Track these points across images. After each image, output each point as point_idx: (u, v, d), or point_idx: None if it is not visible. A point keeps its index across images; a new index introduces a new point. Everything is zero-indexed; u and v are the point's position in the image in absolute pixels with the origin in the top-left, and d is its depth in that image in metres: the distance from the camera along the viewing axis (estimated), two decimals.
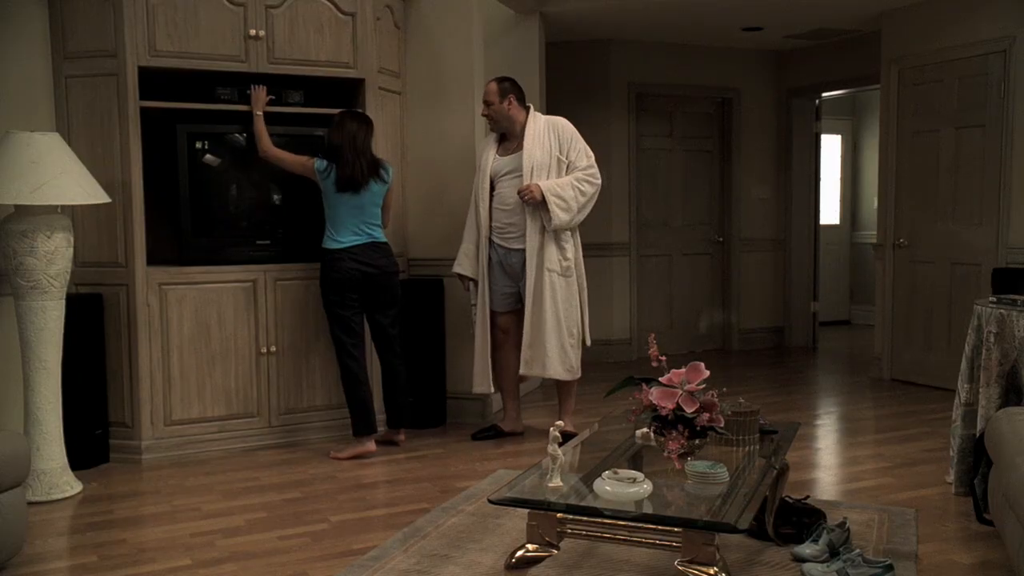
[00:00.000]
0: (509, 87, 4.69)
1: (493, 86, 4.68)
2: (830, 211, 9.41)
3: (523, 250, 4.65)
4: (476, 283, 4.80)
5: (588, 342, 4.80)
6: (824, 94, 7.77)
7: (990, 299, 3.83)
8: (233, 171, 4.74)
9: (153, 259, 4.46)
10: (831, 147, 9.35)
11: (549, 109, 6.56)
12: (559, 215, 4.54)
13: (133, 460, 4.41)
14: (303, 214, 4.84)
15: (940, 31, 5.86)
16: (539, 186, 4.51)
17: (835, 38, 7.16)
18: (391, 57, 5.04)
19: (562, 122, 4.72)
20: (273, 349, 4.66)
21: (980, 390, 3.62)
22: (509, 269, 4.71)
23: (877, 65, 6.41)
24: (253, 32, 4.49)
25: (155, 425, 4.43)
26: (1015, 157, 5.40)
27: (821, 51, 7.42)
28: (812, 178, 7.95)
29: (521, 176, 4.60)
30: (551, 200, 4.52)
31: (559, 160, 4.63)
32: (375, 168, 4.47)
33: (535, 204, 4.55)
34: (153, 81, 4.44)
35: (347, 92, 4.87)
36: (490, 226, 4.72)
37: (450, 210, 5.17)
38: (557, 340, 4.62)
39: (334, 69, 4.72)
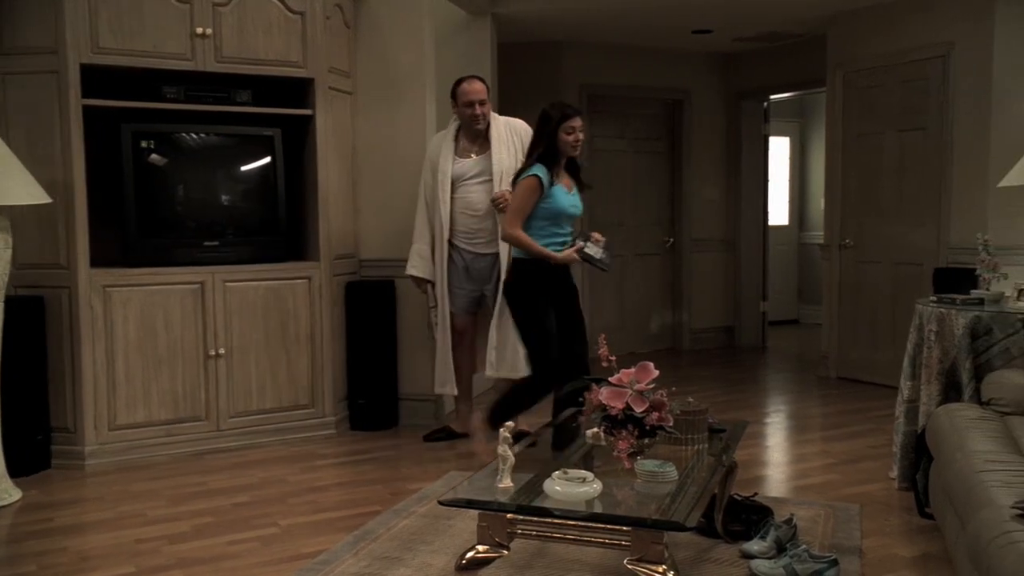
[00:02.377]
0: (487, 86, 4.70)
1: (483, 85, 4.65)
2: (779, 212, 9.55)
3: (493, 255, 4.63)
4: (432, 284, 4.76)
5: None
6: (772, 96, 7.89)
7: (931, 298, 3.92)
8: (180, 171, 4.66)
9: (97, 261, 4.37)
10: (779, 149, 9.49)
11: (501, 111, 6.53)
12: None
13: (76, 466, 4.31)
14: (253, 215, 4.79)
15: (883, 36, 5.98)
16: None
17: (783, 42, 7.27)
18: (341, 57, 5.00)
19: (522, 125, 4.70)
20: (222, 351, 4.59)
21: (921, 387, 3.70)
22: (476, 273, 4.68)
23: (823, 69, 6.52)
24: (200, 30, 4.42)
25: (99, 430, 4.34)
26: (955, 160, 5.53)
27: (769, 54, 7.53)
28: (761, 179, 8.06)
29: (490, 180, 4.58)
30: None
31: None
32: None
33: (500, 209, 4.55)
34: (97, 79, 4.35)
35: (297, 92, 4.82)
36: (452, 229, 4.66)
37: (402, 211, 5.13)
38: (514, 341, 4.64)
39: (283, 68, 4.67)
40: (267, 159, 4.76)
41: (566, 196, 4.02)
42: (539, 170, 3.93)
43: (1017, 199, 4.79)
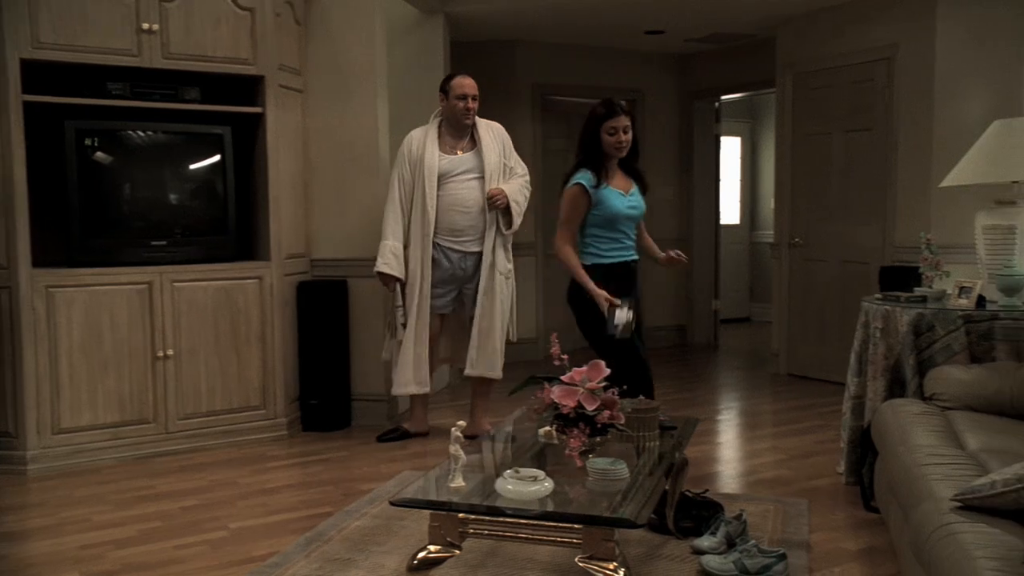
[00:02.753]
0: None
1: (474, 82, 4.61)
2: (730, 211, 9.67)
3: (478, 253, 4.60)
4: (402, 283, 4.61)
5: (514, 338, 4.92)
6: (724, 97, 7.98)
7: (876, 296, 3.99)
8: (127, 169, 4.57)
9: (40, 261, 4.26)
10: (731, 149, 9.61)
11: None
12: (516, 220, 4.63)
13: (18, 471, 4.20)
14: (202, 214, 4.71)
15: (831, 38, 6.08)
16: (505, 191, 4.54)
17: (733, 43, 7.36)
18: (292, 54, 4.95)
19: (499, 126, 4.71)
20: (170, 353, 4.51)
21: (868, 383, 3.77)
22: (460, 272, 4.62)
23: (773, 70, 6.61)
24: (146, 26, 4.34)
25: (42, 434, 4.24)
26: (899, 160, 5.65)
27: (720, 55, 7.61)
28: (713, 179, 8.15)
29: (479, 178, 4.55)
30: (512, 205, 4.58)
31: (504, 165, 4.64)
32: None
33: (501, 209, 4.55)
34: (39, 75, 4.24)
35: (247, 89, 4.76)
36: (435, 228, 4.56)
37: (354, 210, 5.11)
38: (500, 340, 4.71)
39: (232, 66, 4.60)
40: (216, 157, 4.69)
41: (620, 199, 3.75)
42: (582, 177, 3.71)
43: (958, 199, 4.90)
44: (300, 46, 5.05)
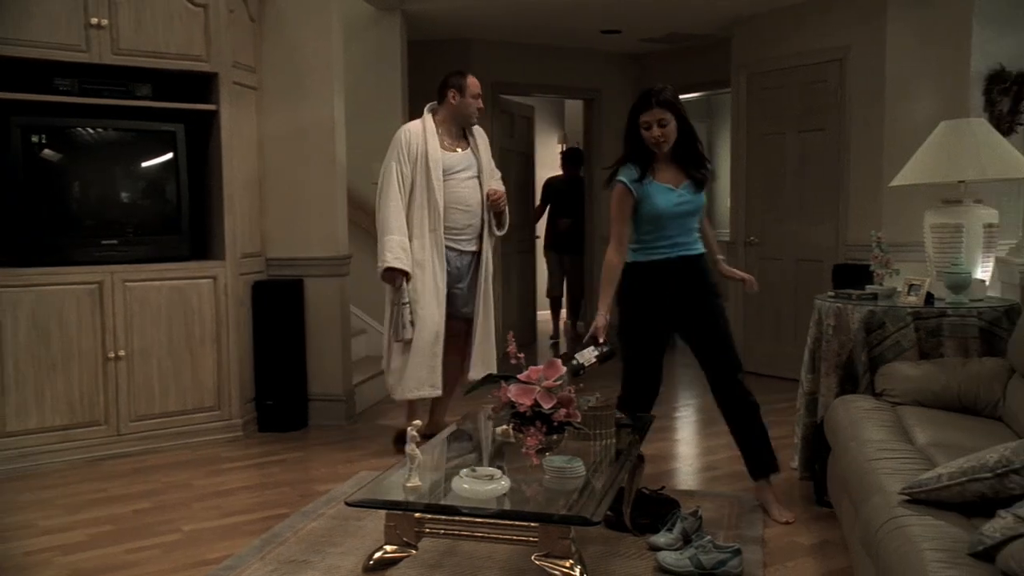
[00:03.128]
0: None
1: (477, 80, 4.52)
2: None
3: (473, 253, 4.50)
4: (408, 279, 4.33)
5: None
6: (680, 97, 7.99)
7: (829, 294, 4.05)
8: (76, 167, 4.47)
9: None
10: None
11: (412, 108, 6.51)
12: (507, 220, 4.61)
13: None
14: (154, 213, 4.64)
15: (784, 39, 6.16)
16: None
17: (690, 43, 7.42)
18: (246, 51, 4.89)
19: (479, 127, 4.65)
20: (122, 353, 4.44)
21: (821, 380, 3.82)
22: (455, 272, 4.47)
23: (728, 70, 6.68)
24: (95, 21, 4.25)
25: None
26: (851, 160, 5.74)
27: (677, 55, 7.67)
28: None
29: (476, 177, 4.47)
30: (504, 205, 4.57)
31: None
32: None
33: (499, 209, 4.52)
34: None
35: (200, 86, 4.69)
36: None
37: (310, 208, 5.06)
38: (493, 339, 4.62)
39: (185, 62, 4.54)
40: (169, 155, 4.62)
41: (666, 195, 3.44)
42: (624, 174, 3.46)
43: (908, 198, 4.99)
44: (255, 43, 4.99)
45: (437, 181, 4.35)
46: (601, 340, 3.30)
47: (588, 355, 3.20)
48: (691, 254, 3.54)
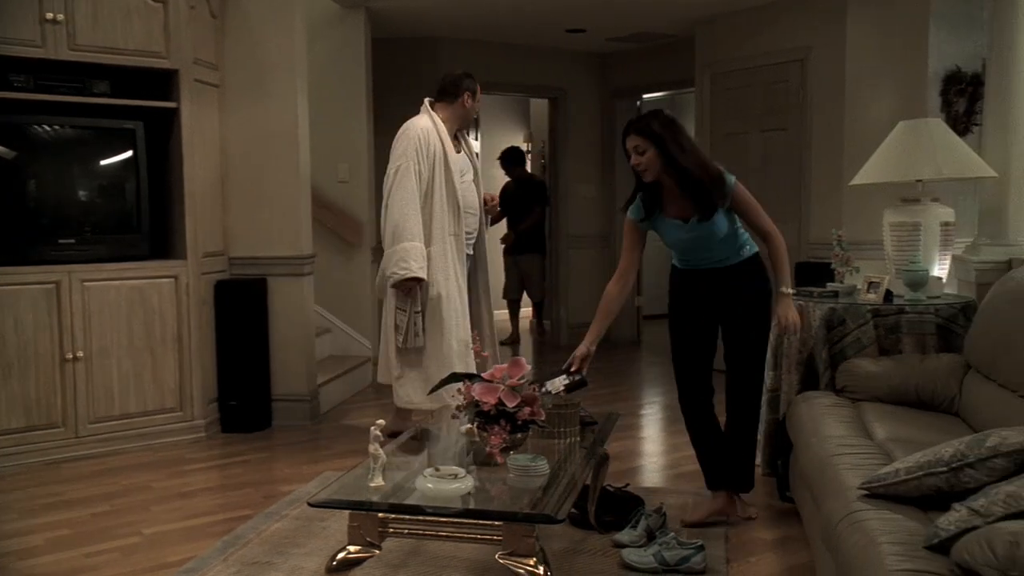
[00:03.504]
0: None
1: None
2: None
3: (472, 257, 4.48)
4: (422, 286, 4.22)
5: None
6: (645, 96, 8.08)
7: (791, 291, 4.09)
8: (32, 165, 4.38)
9: None
10: None
11: (377, 107, 6.50)
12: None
13: None
14: (113, 211, 4.57)
15: (747, 40, 6.21)
16: None
17: (654, 43, 7.46)
18: (207, 48, 4.83)
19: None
20: (80, 354, 4.36)
21: (783, 377, 3.86)
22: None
23: (692, 70, 6.72)
24: (50, 15, 4.18)
25: None
26: (813, 159, 5.80)
27: (642, 55, 7.71)
28: (636, 177, 8.22)
29: (474, 180, 4.43)
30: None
31: None
32: None
33: (494, 212, 4.50)
34: None
35: (160, 83, 4.62)
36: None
37: (273, 207, 5.02)
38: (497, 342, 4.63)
39: (144, 59, 4.47)
40: (128, 153, 4.55)
41: (675, 231, 3.32)
42: (632, 211, 3.40)
43: (868, 197, 5.06)
44: (216, 40, 4.93)
45: (458, 183, 4.22)
46: (574, 368, 3.22)
47: (557, 383, 3.14)
48: (720, 267, 3.37)
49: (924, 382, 3.27)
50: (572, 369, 3.22)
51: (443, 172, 4.22)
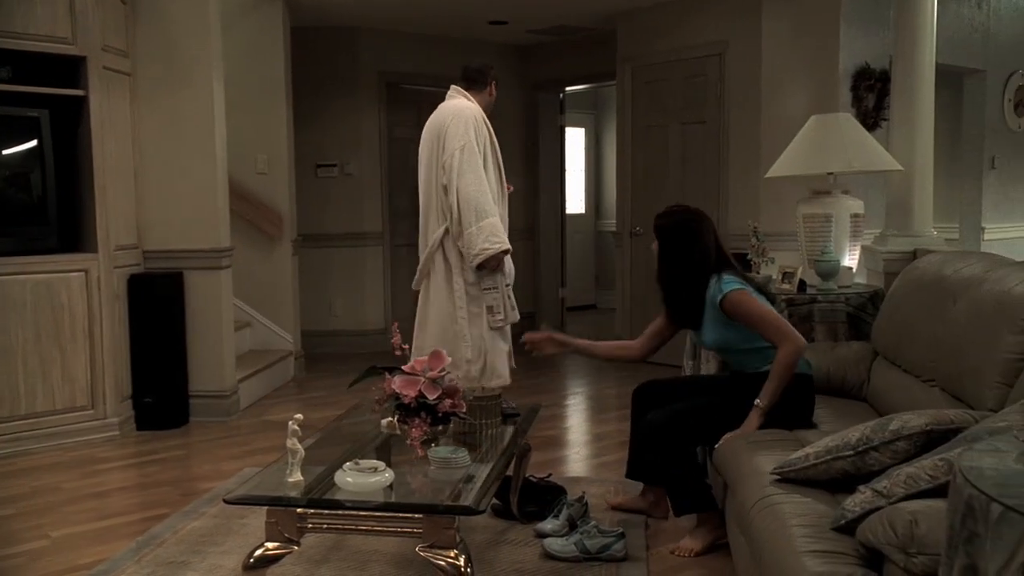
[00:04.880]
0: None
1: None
2: (576, 201, 9.88)
3: None
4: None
5: None
6: (568, 88, 8.13)
7: None
8: None
9: None
10: (575, 139, 9.82)
11: (296, 97, 6.39)
12: None
13: None
14: (16, 203, 4.39)
15: (667, 33, 6.30)
16: None
17: (576, 35, 7.50)
18: (117, 34, 4.67)
19: None
20: None
21: (701, 366, 3.94)
22: None
23: (614, 63, 6.79)
24: None
25: None
26: (731, 152, 5.93)
27: (563, 47, 7.75)
28: (558, 169, 8.30)
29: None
30: None
31: None
32: None
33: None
34: None
35: (68, 70, 4.45)
36: None
37: (190, 198, 4.90)
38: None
39: (49, 44, 4.30)
40: (33, 142, 4.38)
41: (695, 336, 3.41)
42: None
43: (783, 189, 5.19)
44: (127, 27, 4.77)
45: (500, 167, 4.21)
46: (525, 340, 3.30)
47: None
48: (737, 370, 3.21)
49: (835, 369, 3.38)
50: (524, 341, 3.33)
51: (492, 156, 4.22)
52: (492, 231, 3.92)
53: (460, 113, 4.13)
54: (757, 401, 2.94)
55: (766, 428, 2.86)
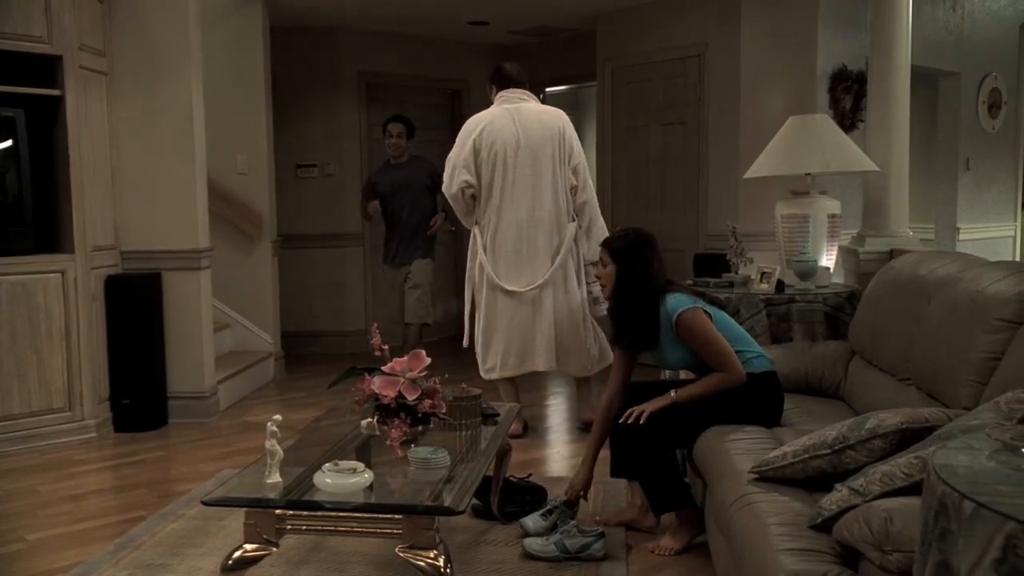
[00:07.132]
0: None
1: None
2: None
3: None
4: None
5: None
6: (548, 89, 8.13)
7: (688, 282, 4.20)
8: None
9: None
10: None
11: (276, 97, 6.37)
12: None
13: None
14: None
15: (647, 34, 6.33)
16: None
17: (556, 36, 7.51)
18: (94, 34, 4.63)
19: None
20: None
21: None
22: None
23: (594, 64, 6.80)
24: None
25: None
26: (710, 153, 5.95)
27: (544, 48, 7.76)
28: None
29: None
30: None
31: None
32: None
33: None
34: None
35: (43, 70, 4.41)
36: None
37: (168, 199, 4.86)
38: None
39: (24, 43, 4.26)
40: (8, 142, 4.34)
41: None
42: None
43: (762, 190, 5.22)
44: (104, 26, 4.74)
45: None
46: (570, 499, 3.22)
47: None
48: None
49: (813, 368, 3.40)
50: (571, 502, 3.19)
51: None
52: (604, 229, 4.52)
53: (564, 117, 4.73)
54: (673, 392, 3.00)
55: (743, 425, 2.87)
